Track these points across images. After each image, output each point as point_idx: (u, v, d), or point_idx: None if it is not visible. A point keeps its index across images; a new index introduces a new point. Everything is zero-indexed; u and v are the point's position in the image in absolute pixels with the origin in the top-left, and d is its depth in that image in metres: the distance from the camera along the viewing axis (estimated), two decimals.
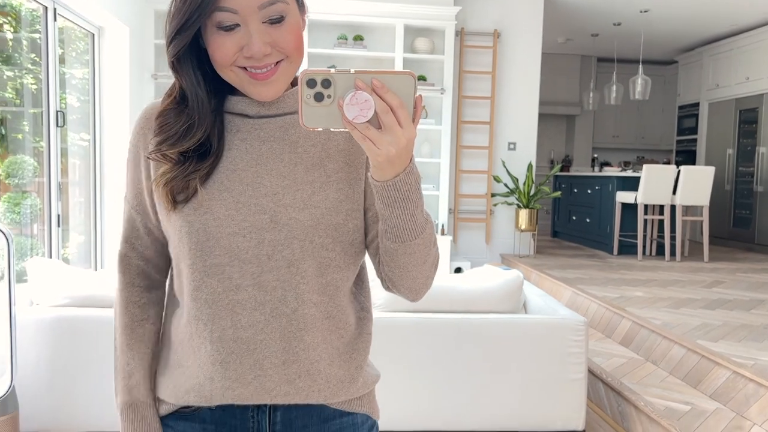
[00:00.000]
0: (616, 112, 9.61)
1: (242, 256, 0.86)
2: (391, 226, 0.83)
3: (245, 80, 0.84)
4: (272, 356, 0.87)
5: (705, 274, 5.39)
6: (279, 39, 0.83)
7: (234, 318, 0.86)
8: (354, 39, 5.74)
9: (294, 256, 0.86)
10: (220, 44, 0.82)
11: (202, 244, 0.86)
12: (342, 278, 0.91)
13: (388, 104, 0.71)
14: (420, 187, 0.82)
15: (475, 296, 2.67)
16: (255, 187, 0.87)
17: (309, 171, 0.89)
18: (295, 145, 0.89)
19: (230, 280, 0.86)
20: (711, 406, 2.70)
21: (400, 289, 0.91)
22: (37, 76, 4.04)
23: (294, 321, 0.87)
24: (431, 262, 0.89)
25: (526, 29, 6.36)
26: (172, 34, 0.83)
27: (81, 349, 2.47)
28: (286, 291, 0.87)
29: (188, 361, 0.90)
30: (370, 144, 0.73)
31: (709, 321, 3.61)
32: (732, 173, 7.69)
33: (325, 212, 0.88)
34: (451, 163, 6.25)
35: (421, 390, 2.54)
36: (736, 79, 7.62)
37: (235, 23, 0.81)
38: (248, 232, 0.86)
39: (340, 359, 0.92)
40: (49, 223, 4.13)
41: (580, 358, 2.61)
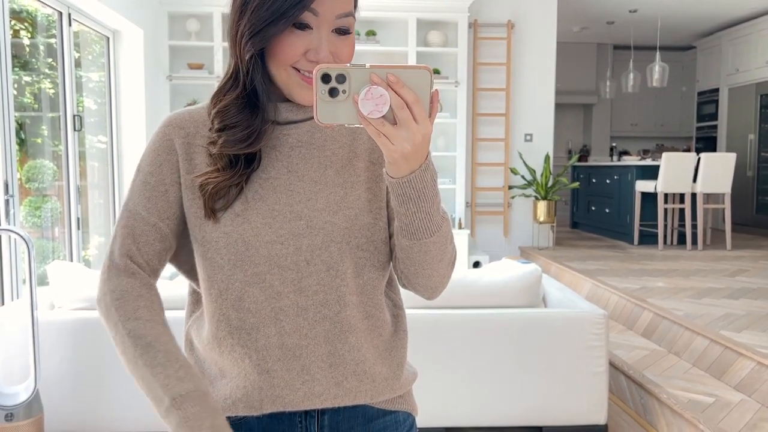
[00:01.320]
0: (634, 100, 9.50)
1: (282, 263, 0.86)
2: (406, 223, 0.82)
3: (295, 81, 0.84)
4: (319, 360, 0.87)
5: (728, 262, 5.31)
6: (341, 50, 0.84)
7: (278, 325, 0.86)
8: (366, 34, 5.72)
9: (332, 259, 0.87)
10: (292, 42, 0.82)
11: (241, 254, 0.85)
12: (377, 277, 0.91)
13: (403, 99, 0.70)
14: (436, 184, 0.81)
15: (493, 291, 2.65)
16: (288, 194, 0.87)
17: (339, 173, 0.89)
18: (322, 148, 0.89)
19: (272, 287, 0.86)
20: (735, 397, 2.66)
21: (416, 287, 0.91)
22: (54, 81, 4.08)
23: (337, 323, 0.87)
24: (448, 260, 0.89)
25: (540, 19, 6.30)
26: (266, 22, 0.80)
27: (103, 351, 2.49)
28: (327, 294, 0.87)
29: (232, 372, 0.89)
30: (385, 140, 0.72)
31: (732, 311, 3.56)
32: (754, 159, 7.57)
33: (358, 213, 0.88)
34: (467, 156, 6.22)
35: (442, 386, 2.54)
36: (757, 64, 7.49)
37: (309, 25, 0.82)
38: (286, 239, 0.86)
39: (382, 358, 0.93)
40: (69, 226, 4.18)
41: (601, 351, 2.58)
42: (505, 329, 2.57)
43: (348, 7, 0.84)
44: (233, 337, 0.87)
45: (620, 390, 3.06)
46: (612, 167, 7.07)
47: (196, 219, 0.87)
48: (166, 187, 0.89)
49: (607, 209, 7.19)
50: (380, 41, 5.78)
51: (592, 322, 2.58)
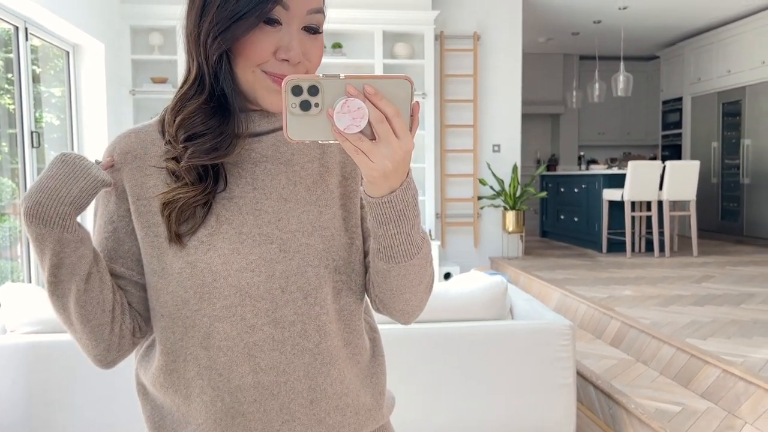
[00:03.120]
0: (601, 110, 9.62)
1: (254, 293, 0.78)
2: (384, 246, 0.76)
3: (263, 84, 0.77)
4: (299, 397, 0.81)
5: (694, 269, 5.37)
6: (311, 50, 0.79)
7: (252, 362, 0.79)
8: (332, 47, 5.70)
9: (310, 285, 0.79)
10: (261, 39, 0.75)
11: (208, 286, 0.77)
12: (355, 301, 0.85)
13: (382, 112, 0.64)
14: (417, 203, 0.75)
15: (459, 304, 2.63)
16: (256, 214, 0.79)
17: (310, 190, 0.82)
18: (290, 163, 0.83)
19: (243, 321, 0.78)
20: (702, 405, 2.67)
21: (391, 312, 0.85)
22: (14, 96, 3.98)
23: (318, 355, 0.81)
24: (426, 283, 0.83)
25: (505, 30, 6.35)
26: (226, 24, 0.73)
27: (57, 376, 2.41)
28: (306, 324, 0.80)
29: (200, 418, 0.81)
30: (363, 157, 0.66)
31: (698, 318, 3.58)
32: (718, 166, 7.70)
33: (335, 233, 0.82)
34: (436, 167, 6.22)
35: (408, 400, 2.50)
36: (718, 73, 7.64)
37: (279, 21, 0.76)
38: (257, 265, 0.78)
39: (364, 387, 0.87)
40: (29, 246, 4.06)
41: (568, 362, 2.57)
42: (471, 342, 2.55)
43: (319, 3, 0.79)
44: (203, 378, 0.79)
45: (589, 400, 3.05)
46: (580, 176, 7.13)
47: (154, 249, 0.80)
48: (114, 216, 0.83)
49: (575, 218, 7.25)
50: (347, 54, 5.76)
51: (559, 333, 2.57)
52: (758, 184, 7.03)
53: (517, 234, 6.28)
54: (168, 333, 0.81)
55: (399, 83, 0.65)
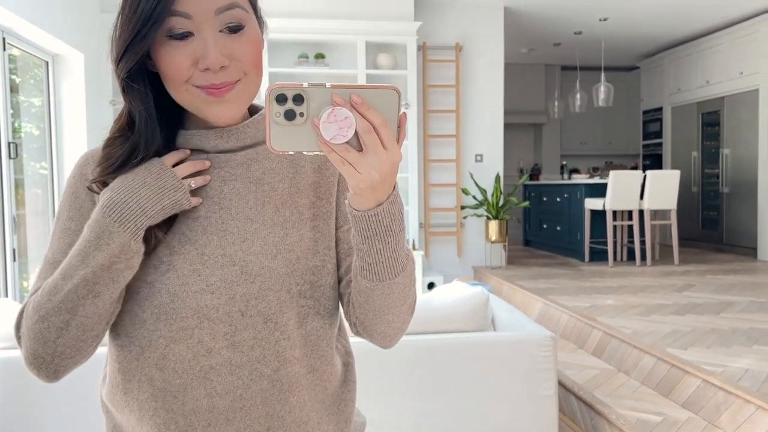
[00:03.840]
0: (583, 119, 9.70)
1: (212, 316, 0.76)
2: (369, 262, 0.74)
3: (200, 99, 0.76)
4: (254, 424, 0.78)
5: (676, 277, 5.41)
6: (237, 50, 0.75)
7: (208, 386, 0.77)
8: (315, 57, 5.70)
9: (270, 310, 0.78)
10: (172, 56, 0.74)
11: (166, 307, 0.76)
12: (323, 326, 0.82)
13: (370, 122, 0.63)
14: (403, 218, 0.74)
15: (440, 316, 2.62)
16: (221, 235, 0.78)
17: (279, 210, 0.81)
18: (260, 182, 0.81)
19: (200, 343, 0.76)
20: (683, 415, 2.68)
21: (372, 335, 0.82)
22: None
23: (276, 382, 0.78)
24: (409, 304, 0.81)
25: (488, 41, 6.38)
26: (123, 48, 0.74)
27: (29, 393, 2.36)
28: (264, 350, 0.78)
29: None
30: (350, 168, 0.65)
31: (679, 327, 3.60)
32: (698, 175, 7.79)
33: (300, 256, 0.80)
34: (419, 177, 6.23)
35: (390, 413, 2.48)
36: (697, 83, 7.74)
37: (188, 31, 0.73)
38: (217, 287, 0.76)
39: (328, 414, 0.84)
40: (4, 258, 4.00)
41: (550, 373, 2.57)
42: (453, 354, 2.54)
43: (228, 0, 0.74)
44: (156, 400, 0.77)
45: (571, 411, 3.05)
46: (562, 185, 7.18)
47: None
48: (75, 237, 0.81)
49: (558, 227, 7.28)
50: (329, 64, 5.76)
51: (540, 344, 2.57)
52: (737, 193, 7.11)
53: (500, 243, 6.29)
54: (125, 352, 0.79)
55: (386, 93, 0.64)
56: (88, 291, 0.73)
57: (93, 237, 0.73)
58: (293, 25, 5.56)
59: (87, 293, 0.73)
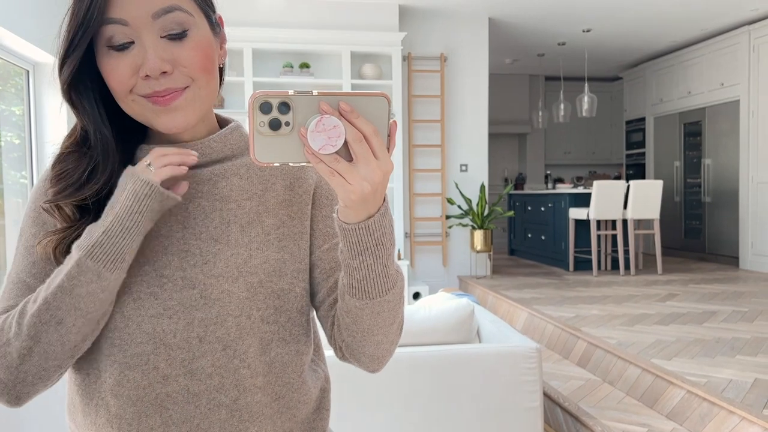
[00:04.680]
0: (567, 129, 9.76)
1: (169, 341, 0.73)
2: (358, 279, 0.71)
3: (148, 109, 0.72)
4: None
5: (659, 287, 5.44)
6: (180, 55, 0.71)
7: (164, 414, 0.73)
8: (300, 67, 5.69)
9: (229, 337, 0.74)
10: (113, 66, 0.70)
11: (120, 332, 0.73)
12: (289, 352, 0.79)
13: (360, 131, 0.60)
14: (394, 231, 0.71)
15: (425, 328, 2.60)
16: (182, 256, 0.75)
17: (244, 230, 0.77)
18: (226, 200, 0.78)
19: (156, 370, 0.73)
20: (667, 426, 2.68)
21: (360, 358, 0.79)
22: None
23: (236, 412, 0.75)
24: (399, 323, 0.78)
25: (472, 52, 6.41)
26: (62, 55, 0.71)
27: (11, 413, 2.31)
28: (223, 378, 0.74)
29: None
30: (340, 179, 0.62)
31: (663, 337, 3.61)
32: (681, 185, 7.85)
33: (264, 279, 0.77)
34: (404, 186, 6.22)
35: (374, 426, 2.45)
36: (679, 93, 7.82)
37: (128, 40, 0.70)
38: (175, 312, 0.73)
39: None
40: None
41: (535, 385, 2.56)
42: (438, 366, 2.52)
43: (165, 1, 0.70)
44: (112, 426, 0.74)
45: (557, 422, 3.04)
46: (546, 195, 7.20)
47: None
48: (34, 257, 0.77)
49: (542, 236, 7.30)
50: (314, 74, 5.75)
51: (525, 356, 2.56)
52: (718, 203, 7.18)
53: (485, 253, 6.30)
54: (82, 375, 0.77)
55: (376, 101, 0.61)
56: (50, 316, 0.70)
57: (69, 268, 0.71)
58: (278, 34, 5.54)
59: (50, 318, 0.70)
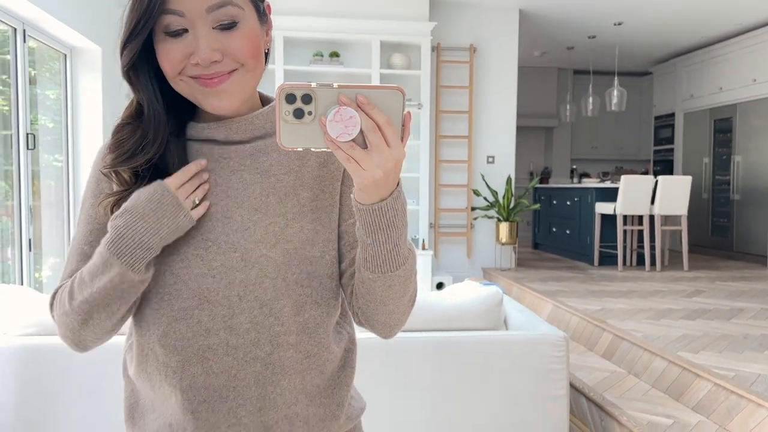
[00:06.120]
0: (594, 124, 9.69)
1: (212, 299, 0.80)
2: (372, 254, 0.77)
3: (196, 90, 0.79)
4: (247, 404, 0.82)
5: (685, 283, 5.40)
6: (230, 45, 0.78)
7: (205, 364, 0.81)
8: (330, 56, 5.72)
9: (266, 296, 0.81)
10: (167, 51, 0.78)
11: (169, 287, 0.81)
12: (321, 314, 0.85)
13: (375, 121, 0.66)
14: (406, 213, 0.77)
15: (453, 314, 2.64)
16: (225, 222, 0.82)
17: (282, 202, 0.84)
18: (267, 173, 0.84)
19: (199, 324, 0.80)
20: (693, 419, 2.68)
21: (373, 325, 0.86)
22: (8, 98, 3.97)
23: (269, 365, 0.82)
24: (410, 296, 0.84)
25: (501, 43, 6.39)
26: (124, 40, 0.79)
27: (49, 379, 2.39)
28: (259, 333, 0.81)
29: (160, 408, 0.85)
30: (355, 165, 0.68)
31: (689, 332, 3.60)
32: (709, 182, 7.77)
33: (298, 246, 0.83)
34: (430, 177, 6.24)
35: (399, 411, 2.50)
36: (710, 90, 7.72)
37: (182, 28, 0.77)
38: (218, 272, 0.80)
39: (320, 397, 0.87)
40: (20, 248, 4.04)
41: (562, 374, 2.58)
42: (466, 352, 2.55)
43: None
44: (160, 373, 0.83)
45: (581, 412, 3.06)
46: (572, 189, 7.17)
47: None
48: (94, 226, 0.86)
49: (567, 230, 7.28)
50: (344, 63, 5.79)
51: (553, 344, 2.58)
52: (748, 201, 7.10)
53: (510, 245, 6.30)
54: (137, 327, 0.85)
55: (391, 93, 0.67)
56: (98, 303, 0.80)
57: (99, 263, 0.79)
58: (309, 23, 5.58)
59: (98, 305, 0.80)
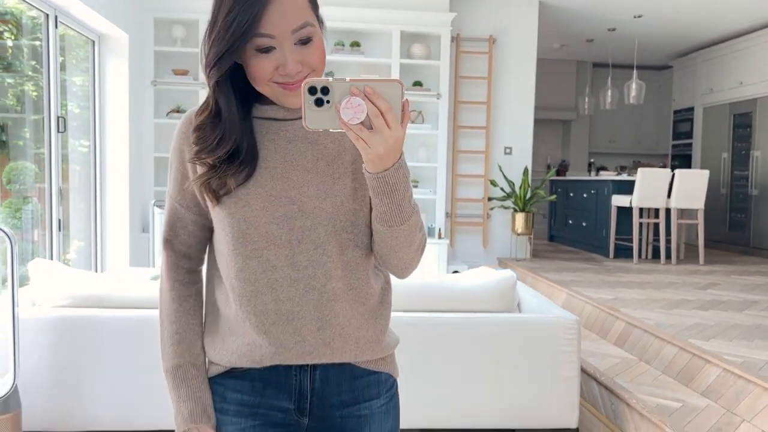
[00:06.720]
0: (613, 117, 9.68)
1: (277, 242, 0.99)
2: (380, 212, 0.94)
3: (279, 92, 0.97)
4: (309, 324, 1.00)
5: (700, 276, 5.43)
6: (308, 57, 0.96)
7: (274, 294, 1.00)
8: (351, 45, 5.80)
9: (320, 239, 1.00)
10: (260, 65, 0.94)
11: (243, 232, 0.99)
12: (360, 255, 1.03)
13: (378, 108, 0.82)
14: (408, 180, 0.92)
15: (468, 295, 2.71)
16: (284, 181, 0.99)
17: (329, 164, 1.01)
18: (315, 142, 1.02)
19: (268, 261, 0.99)
20: (702, 403, 2.75)
21: (389, 266, 1.04)
22: (38, 84, 4.09)
23: (324, 293, 1.00)
24: (417, 245, 1.01)
25: (521, 35, 6.43)
26: (216, 58, 0.94)
27: (82, 349, 2.51)
28: (315, 269, 1.00)
29: (238, 331, 1.03)
30: (363, 143, 0.84)
31: (701, 321, 3.66)
32: (727, 177, 7.75)
33: (344, 200, 1.00)
34: (447, 167, 6.31)
35: (416, 388, 2.58)
36: (730, 84, 7.69)
37: (271, 46, 0.93)
38: (281, 220, 0.99)
39: (366, 324, 1.05)
40: (50, 228, 4.17)
41: (573, 356, 2.65)
42: (480, 333, 2.63)
43: (301, 20, 0.94)
44: (236, 302, 1.02)
45: (592, 396, 3.13)
46: (589, 182, 7.20)
47: (210, 204, 1.03)
48: (186, 183, 1.06)
49: (584, 223, 7.31)
50: (364, 52, 5.86)
51: (565, 327, 2.65)
52: (766, 196, 7.08)
53: (526, 236, 6.36)
54: (220, 264, 1.06)
55: (392, 85, 0.82)
56: None
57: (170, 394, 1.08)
58: (330, 12, 5.66)
59: None
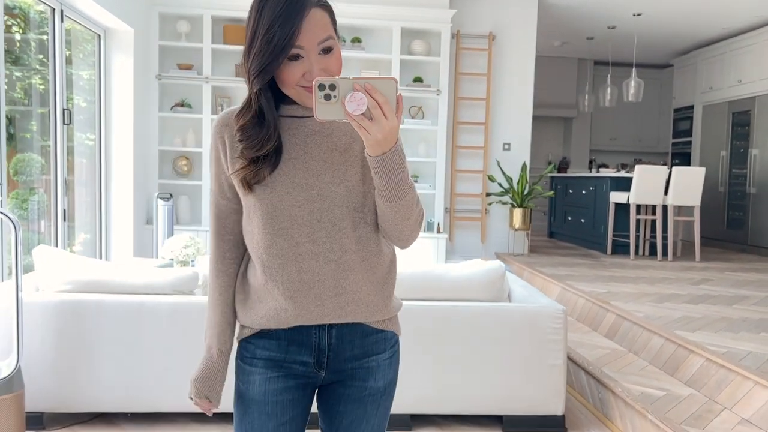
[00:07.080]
0: (613, 115, 9.74)
1: (300, 221, 1.17)
2: (380, 189, 1.11)
3: (304, 95, 1.13)
4: (327, 291, 1.19)
5: (694, 272, 5.51)
6: (329, 65, 1.14)
7: (298, 265, 1.18)
8: (352, 41, 5.88)
9: (336, 218, 1.17)
10: (289, 72, 1.12)
11: (270, 214, 1.17)
12: (370, 231, 1.21)
13: (376, 101, 0.98)
14: (404, 163, 1.09)
15: (458, 285, 2.80)
16: (304, 170, 1.17)
17: (342, 154, 1.18)
18: (330, 135, 1.19)
19: (292, 238, 1.17)
20: (685, 391, 2.83)
21: (391, 238, 1.22)
22: (45, 77, 4.19)
23: (341, 265, 1.19)
24: (414, 218, 1.18)
25: (520, 32, 6.50)
26: (259, 69, 1.10)
27: (84, 332, 2.61)
28: (332, 244, 1.18)
29: (266, 298, 1.22)
30: (364, 131, 1.01)
31: (690, 314, 3.73)
32: (726, 175, 7.81)
33: (355, 184, 1.18)
34: (447, 162, 6.39)
35: (406, 375, 2.66)
36: (729, 82, 7.75)
37: (300, 55, 1.11)
38: (302, 204, 1.17)
39: (375, 290, 1.24)
40: (56, 218, 4.27)
41: (559, 344, 2.73)
42: (469, 321, 2.71)
43: (326, 33, 1.12)
44: (266, 274, 1.20)
45: (580, 385, 3.21)
46: (588, 178, 7.27)
47: (242, 192, 1.20)
48: (224, 176, 1.24)
49: (582, 219, 7.39)
50: (365, 48, 5.94)
51: (552, 316, 2.73)
52: (764, 194, 7.14)
53: (524, 231, 6.44)
54: (249, 243, 1.25)
55: (388, 82, 0.99)
56: None
57: None
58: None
59: None
